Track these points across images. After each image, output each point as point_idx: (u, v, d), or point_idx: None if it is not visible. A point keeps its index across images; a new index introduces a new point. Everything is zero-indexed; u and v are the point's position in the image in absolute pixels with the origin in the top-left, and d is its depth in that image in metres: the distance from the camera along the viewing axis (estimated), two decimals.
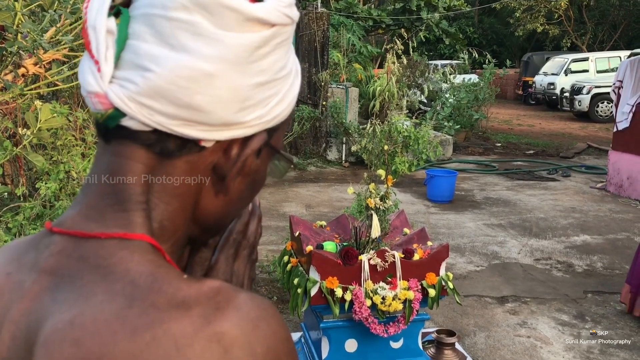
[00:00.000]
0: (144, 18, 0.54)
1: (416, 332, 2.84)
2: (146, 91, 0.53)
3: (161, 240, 0.58)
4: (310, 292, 2.55)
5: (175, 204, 0.59)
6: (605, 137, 13.92)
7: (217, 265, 0.68)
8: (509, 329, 4.23)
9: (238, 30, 0.54)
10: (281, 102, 0.61)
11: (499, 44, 32.09)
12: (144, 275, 0.52)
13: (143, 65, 0.54)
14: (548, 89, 20.98)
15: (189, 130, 0.56)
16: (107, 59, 0.54)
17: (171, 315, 0.49)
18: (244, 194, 0.64)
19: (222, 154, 0.59)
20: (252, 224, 0.71)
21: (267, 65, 0.58)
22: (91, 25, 0.55)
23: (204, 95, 0.54)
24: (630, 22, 26.57)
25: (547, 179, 9.72)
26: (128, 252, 0.54)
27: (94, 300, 0.51)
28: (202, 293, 0.51)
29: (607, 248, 6.13)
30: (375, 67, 16.62)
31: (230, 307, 0.50)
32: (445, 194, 7.97)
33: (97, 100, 0.55)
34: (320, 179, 9.38)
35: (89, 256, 0.54)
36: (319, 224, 3.05)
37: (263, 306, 0.53)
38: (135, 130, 0.56)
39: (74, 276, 0.53)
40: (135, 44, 0.54)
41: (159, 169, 0.57)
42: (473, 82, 13.30)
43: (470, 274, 5.32)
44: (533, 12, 25.30)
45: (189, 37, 0.53)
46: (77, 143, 4.04)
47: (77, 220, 0.57)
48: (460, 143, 12.51)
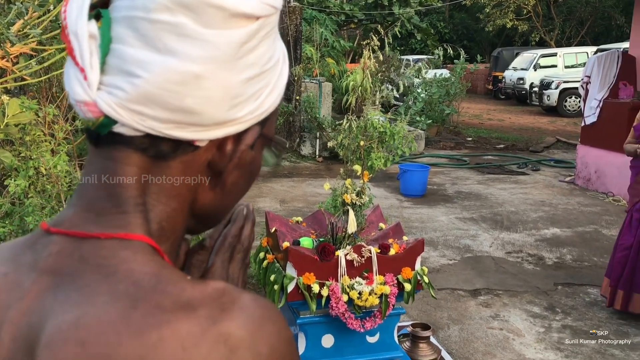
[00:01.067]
0: (126, 21, 0.53)
1: (392, 327, 2.86)
2: (136, 98, 0.53)
3: (160, 241, 0.58)
4: (287, 288, 2.55)
5: (173, 204, 0.59)
6: (574, 131, 14.19)
7: (213, 269, 0.68)
8: (481, 322, 4.29)
9: (223, 27, 0.54)
10: (272, 92, 0.61)
11: (469, 39, 32.44)
12: (148, 275, 0.52)
13: (130, 71, 0.53)
14: (517, 83, 21.27)
15: (182, 132, 0.55)
16: (92, 66, 0.53)
17: (177, 316, 0.49)
18: (240, 185, 0.65)
19: (216, 151, 0.59)
20: (246, 228, 0.71)
21: (255, 59, 0.57)
22: (72, 31, 0.54)
23: (194, 97, 0.54)
24: (596, 19, 27.10)
25: (517, 173, 9.87)
26: (130, 252, 0.54)
27: (98, 300, 0.50)
28: (207, 294, 0.51)
29: (576, 241, 6.25)
30: (348, 62, 16.64)
31: (235, 308, 0.51)
32: (418, 188, 8.03)
33: (87, 108, 0.54)
34: (294, 174, 9.37)
35: (89, 256, 0.54)
36: (295, 219, 3.04)
37: (267, 307, 0.53)
38: (128, 136, 0.55)
39: (76, 276, 0.53)
40: (120, 48, 0.53)
41: (154, 171, 0.57)
42: (444, 77, 13.42)
43: (443, 268, 5.37)
44: (502, 7, 25.63)
45: (174, 39, 0.53)
46: (46, 139, 3.96)
47: (75, 221, 0.56)
48: (432, 138, 12.62)
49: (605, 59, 8.23)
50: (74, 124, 4.17)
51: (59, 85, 5.48)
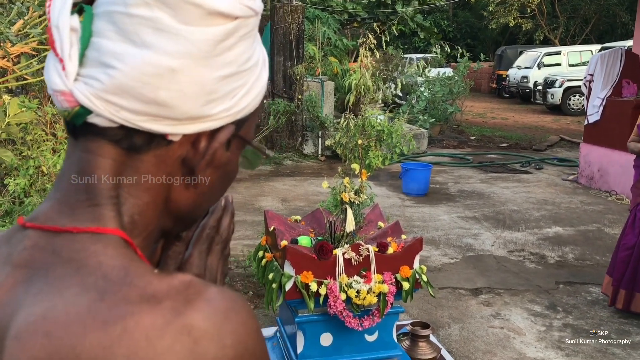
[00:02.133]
0: (106, 15, 0.55)
1: (391, 325, 2.85)
2: (111, 88, 0.54)
3: (132, 234, 0.58)
4: (285, 286, 2.54)
5: (146, 198, 0.60)
6: (577, 129, 14.14)
7: (190, 260, 0.68)
8: (482, 320, 4.28)
9: (200, 24, 0.55)
10: (248, 93, 0.62)
11: (473, 38, 32.35)
12: (116, 269, 0.53)
13: (107, 63, 0.54)
14: (521, 82, 21.22)
15: (155, 125, 0.56)
16: (71, 57, 0.54)
17: (142, 308, 0.49)
18: (215, 185, 0.65)
19: (190, 147, 0.60)
20: (224, 220, 0.72)
21: (232, 58, 0.58)
22: (54, 24, 0.55)
23: (168, 90, 0.55)
24: (601, 17, 26.98)
25: (520, 172, 9.85)
26: (101, 246, 0.55)
27: (67, 293, 0.51)
28: (173, 287, 0.52)
29: (578, 239, 6.24)
30: (351, 61, 16.62)
31: (200, 300, 0.51)
32: (420, 187, 8.02)
33: (63, 98, 0.55)
34: (296, 173, 9.37)
35: (62, 250, 0.55)
36: (293, 218, 3.04)
37: (233, 299, 0.53)
38: (102, 127, 0.56)
39: (48, 270, 0.54)
40: (98, 41, 0.55)
41: (128, 163, 0.58)
42: (447, 75, 13.39)
43: (444, 267, 5.37)
44: (506, 5, 25.54)
45: (151, 33, 0.54)
46: (47, 138, 3.97)
47: (50, 215, 0.57)
48: (435, 136, 12.60)
49: (608, 57, 8.20)
50: None
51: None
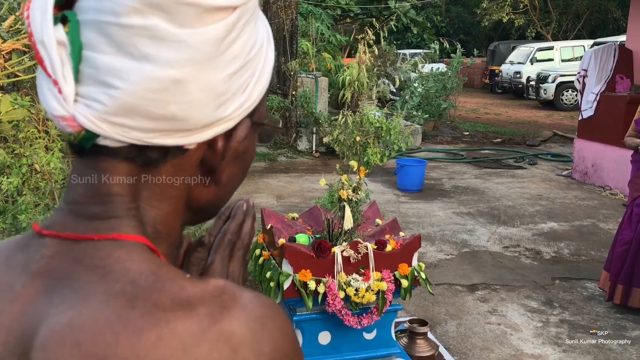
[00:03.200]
0: (95, 25, 0.50)
1: (389, 323, 2.84)
2: (115, 110, 0.50)
3: (156, 243, 0.56)
4: (283, 285, 2.53)
5: (167, 207, 0.57)
6: (570, 125, 14.18)
7: (212, 266, 0.66)
8: (479, 317, 4.27)
9: (199, 24, 0.50)
10: (259, 80, 0.58)
11: (466, 33, 32.37)
12: (145, 274, 0.50)
13: (106, 82, 0.50)
14: (514, 77, 21.26)
15: (169, 139, 0.53)
16: (65, 77, 0.50)
17: (176, 315, 0.47)
18: (235, 176, 0.63)
19: (207, 149, 0.57)
20: (246, 224, 0.69)
21: (238, 50, 0.54)
22: (39, 40, 0.50)
23: (177, 103, 0.51)
24: (592, 12, 27.05)
25: (514, 167, 9.86)
26: (125, 251, 0.52)
27: (93, 300, 0.49)
28: (207, 292, 0.50)
29: (573, 235, 6.24)
30: (344, 57, 16.59)
31: (236, 306, 0.49)
32: (415, 183, 8.01)
33: (66, 123, 0.51)
34: (291, 169, 9.34)
35: (83, 258, 0.52)
36: (290, 216, 3.02)
37: (268, 304, 0.52)
38: (113, 148, 0.53)
39: (71, 278, 0.51)
40: (92, 56, 0.50)
41: (145, 177, 0.55)
42: (441, 71, 13.39)
43: (440, 263, 5.36)
44: (499, 1, 25.56)
45: (149, 43, 0.49)
46: (40, 135, 3.93)
47: (66, 225, 0.54)
48: (428, 132, 12.60)
49: (602, 53, 8.21)
50: None
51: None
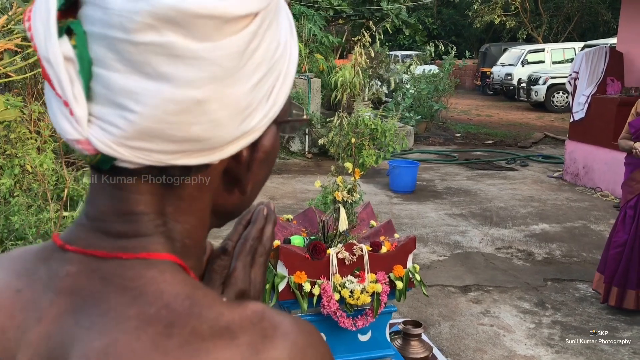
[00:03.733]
0: (104, 40, 0.46)
1: (384, 325, 2.84)
2: (133, 134, 0.47)
3: (185, 258, 0.54)
4: (278, 287, 2.52)
5: (193, 221, 0.55)
6: (561, 126, 14.27)
7: (235, 274, 0.64)
8: (472, 318, 4.29)
9: (219, 37, 0.46)
10: (285, 81, 0.55)
11: (457, 35, 32.49)
12: (180, 297, 0.48)
13: (121, 104, 0.46)
14: (505, 79, 21.36)
15: (192, 159, 0.50)
16: (76, 97, 0.46)
17: (216, 345, 0.45)
18: (261, 178, 0.60)
19: (232, 160, 0.54)
20: (267, 229, 0.67)
21: (261, 57, 0.50)
22: (44, 56, 0.46)
23: (200, 124, 0.48)
24: (583, 15, 27.22)
25: (506, 169, 9.90)
26: (157, 271, 0.50)
27: (127, 326, 0.46)
28: (246, 318, 0.48)
29: (565, 236, 6.28)
30: (337, 58, 16.60)
31: (278, 335, 0.48)
32: (408, 184, 8.03)
33: (81, 147, 0.48)
34: (284, 170, 9.33)
35: (112, 277, 0.49)
36: (285, 217, 3.01)
37: (310, 331, 0.50)
38: (133, 169, 0.50)
39: (100, 298, 0.49)
40: (104, 74, 0.46)
41: (169, 194, 0.53)
42: (433, 73, 13.43)
43: (433, 264, 5.37)
44: (490, 3, 25.67)
45: (165, 62, 0.45)
46: (32, 136, 3.90)
47: (91, 241, 0.52)
48: (421, 133, 12.63)
49: (593, 55, 8.27)
50: None
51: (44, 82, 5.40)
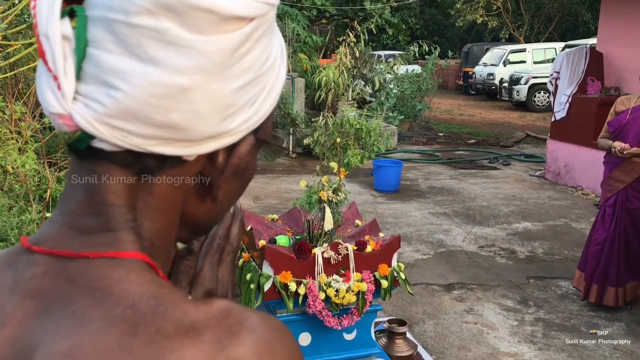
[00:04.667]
0: (103, 23, 0.48)
1: (369, 323, 2.85)
2: (115, 112, 0.48)
3: (153, 257, 0.53)
4: (264, 287, 2.52)
5: (163, 221, 0.55)
6: (543, 126, 14.41)
7: (202, 273, 0.64)
8: (456, 316, 4.32)
9: (213, 32, 0.48)
10: (268, 96, 0.56)
11: (440, 35, 32.67)
12: (146, 297, 0.48)
13: (109, 82, 0.47)
14: (487, 79, 21.52)
15: (168, 148, 0.51)
16: (66, 73, 0.48)
17: (181, 342, 0.45)
18: (233, 192, 0.60)
19: (206, 162, 0.55)
20: (234, 228, 0.67)
21: (250, 63, 0.52)
22: (43, 32, 0.48)
23: (181, 112, 0.49)
24: (563, 15, 27.52)
25: (489, 168, 9.99)
26: (124, 271, 0.50)
27: (92, 327, 0.46)
28: (212, 316, 0.48)
29: (547, 234, 6.35)
30: (320, 57, 16.61)
31: (243, 331, 0.47)
32: (392, 183, 8.07)
33: (62, 121, 0.49)
34: (268, 170, 9.32)
35: (78, 278, 0.49)
36: (270, 217, 3.02)
37: (276, 326, 0.50)
38: (109, 152, 0.50)
39: (65, 300, 0.48)
40: (97, 54, 0.48)
41: (141, 187, 0.53)
42: (416, 72, 13.49)
43: (417, 263, 5.40)
44: (473, 3, 25.85)
45: (158, 47, 0.47)
46: (13, 137, 3.86)
47: (59, 240, 0.52)
48: (404, 133, 12.69)
49: (573, 55, 8.37)
50: (42, 121, 4.07)
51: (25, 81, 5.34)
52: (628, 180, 4.28)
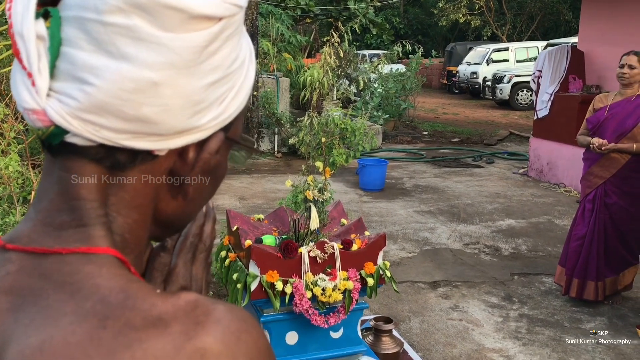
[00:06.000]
0: (77, 22, 0.50)
1: (355, 322, 2.87)
2: (88, 107, 0.50)
3: (125, 253, 0.55)
4: (250, 286, 2.53)
5: (135, 216, 0.56)
6: (526, 124, 14.54)
7: (176, 270, 0.66)
8: (442, 313, 4.36)
9: (182, 30, 0.50)
10: (237, 95, 0.58)
11: (423, 34, 32.82)
12: (115, 291, 0.49)
13: (81, 78, 0.50)
14: (471, 78, 21.66)
15: (139, 142, 0.53)
16: (40, 70, 0.49)
17: (149, 334, 0.47)
18: (205, 191, 0.62)
19: (177, 158, 0.57)
20: (207, 227, 0.69)
21: (219, 61, 0.54)
22: (18, 31, 0.49)
23: (152, 106, 0.51)
24: (545, 14, 27.79)
25: (473, 166, 10.06)
26: (95, 266, 0.51)
27: (63, 321, 0.47)
28: (179, 308, 0.49)
29: (530, 231, 6.42)
30: (305, 57, 16.62)
31: (210, 321, 0.49)
32: (377, 182, 8.10)
33: (36, 117, 0.51)
34: (253, 170, 9.31)
35: (51, 273, 0.50)
36: (256, 217, 3.02)
37: (243, 317, 0.51)
38: (82, 146, 0.52)
39: (38, 295, 0.50)
40: (70, 52, 0.50)
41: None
42: (400, 72, 13.55)
43: (403, 261, 5.44)
44: (455, 2, 26.00)
45: (129, 43, 0.49)
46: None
47: (33, 237, 0.53)
48: (389, 132, 12.74)
49: (555, 54, 8.46)
50: (25, 122, 4.03)
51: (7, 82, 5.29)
52: (606, 175, 4.34)
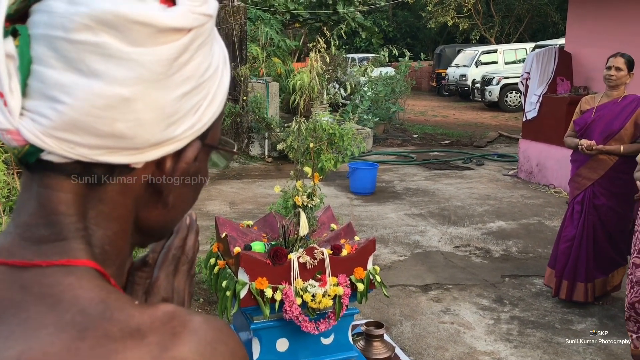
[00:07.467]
0: (45, 40, 0.50)
1: (346, 327, 2.86)
2: (61, 125, 0.50)
3: (105, 265, 0.55)
4: (240, 294, 2.51)
5: (115, 227, 0.56)
6: (515, 125, 14.61)
7: (157, 283, 0.66)
8: (433, 317, 4.35)
9: (151, 44, 0.50)
10: (212, 103, 0.58)
11: (412, 37, 32.94)
12: (94, 302, 0.50)
13: (53, 97, 0.50)
14: (460, 80, 21.75)
15: (115, 157, 0.53)
16: (12, 90, 0.49)
17: (126, 345, 0.47)
18: (185, 198, 0.62)
19: (155, 169, 0.57)
20: (189, 239, 0.69)
21: (191, 72, 0.54)
22: None
23: (125, 121, 0.51)
24: (533, 16, 27.96)
25: (463, 168, 10.09)
26: (74, 278, 0.51)
27: (43, 333, 0.47)
28: (156, 319, 0.50)
29: (521, 233, 6.44)
30: (294, 61, 16.62)
31: (186, 332, 0.49)
32: (367, 186, 8.10)
33: (10, 137, 0.51)
34: (244, 175, 9.29)
35: (32, 286, 0.51)
36: (245, 223, 3.01)
37: (219, 327, 0.52)
38: (58, 163, 0.52)
39: (19, 307, 0.50)
40: (41, 70, 0.50)
41: (91, 195, 0.55)
42: (390, 75, 13.58)
43: (394, 264, 5.43)
44: (444, 5, 26.11)
45: (98, 60, 0.49)
46: None
47: (12, 250, 0.53)
48: (379, 135, 12.75)
49: (543, 56, 8.50)
50: None
51: None
52: (594, 177, 4.36)
